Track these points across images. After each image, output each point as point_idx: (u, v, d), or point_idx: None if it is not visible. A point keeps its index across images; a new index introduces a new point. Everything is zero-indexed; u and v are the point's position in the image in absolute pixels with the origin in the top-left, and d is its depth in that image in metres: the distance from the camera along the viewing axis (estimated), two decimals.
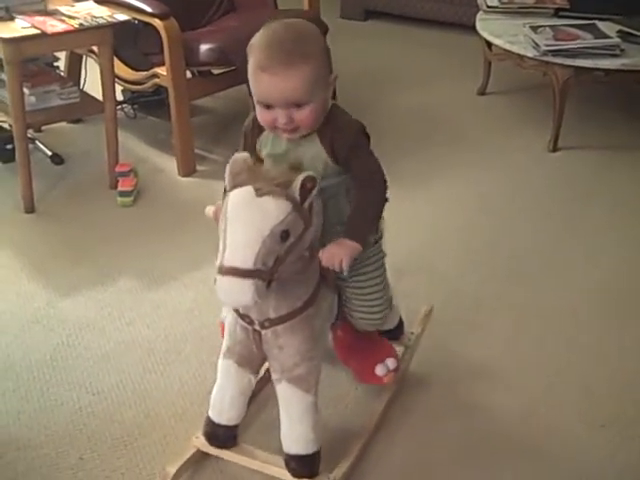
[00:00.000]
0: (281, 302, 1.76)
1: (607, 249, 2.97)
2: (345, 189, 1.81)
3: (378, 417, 2.14)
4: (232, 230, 1.59)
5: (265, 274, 1.58)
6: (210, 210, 1.78)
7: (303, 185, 1.62)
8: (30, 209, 3.13)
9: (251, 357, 1.89)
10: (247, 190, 1.61)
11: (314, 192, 1.64)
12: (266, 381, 2.10)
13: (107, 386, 2.29)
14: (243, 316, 1.83)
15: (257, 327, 1.81)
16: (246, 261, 1.56)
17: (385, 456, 2.08)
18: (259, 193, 1.60)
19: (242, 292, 1.57)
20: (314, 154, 1.74)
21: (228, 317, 1.91)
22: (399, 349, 2.27)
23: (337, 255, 1.71)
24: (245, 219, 1.59)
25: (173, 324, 2.54)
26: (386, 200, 1.83)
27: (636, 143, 3.75)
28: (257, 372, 1.95)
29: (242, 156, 1.69)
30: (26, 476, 2.01)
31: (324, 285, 1.85)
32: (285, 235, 1.60)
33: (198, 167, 3.47)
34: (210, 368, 2.21)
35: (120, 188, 3.21)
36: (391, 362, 2.06)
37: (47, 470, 2.02)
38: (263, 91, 1.67)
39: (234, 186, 1.64)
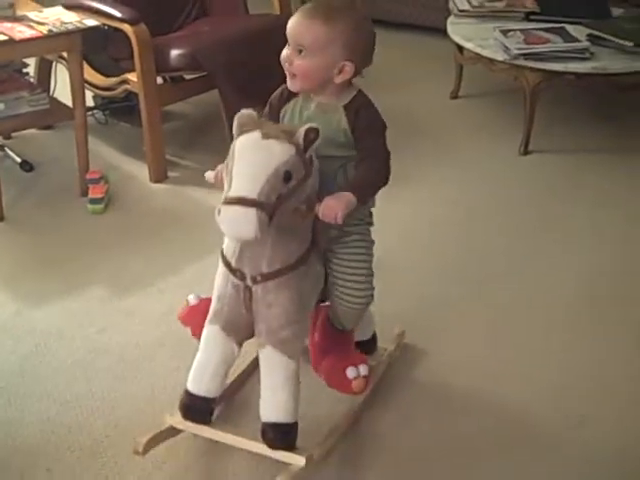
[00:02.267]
0: (275, 256, 1.83)
1: (579, 250, 2.98)
2: (355, 162, 1.91)
3: (358, 408, 2.16)
4: (239, 166, 1.71)
5: (268, 207, 1.68)
6: (210, 175, 1.89)
7: (307, 134, 1.74)
8: None
9: (238, 323, 1.92)
10: (254, 134, 1.74)
11: (316, 143, 1.75)
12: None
13: (76, 395, 2.26)
14: (235, 271, 1.87)
15: (249, 282, 1.85)
16: (252, 191, 1.67)
17: (362, 444, 2.09)
18: (265, 136, 1.73)
19: (246, 221, 1.65)
20: (337, 123, 1.87)
21: (217, 279, 1.94)
22: (371, 363, 2.27)
23: (334, 207, 1.77)
24: (252, 157, 1.72)
25: (144, 331, 2.53)
26: (386, 181, 1.91)
27: (606, 146, 3.78)
28: (240, 344, 1.97)
29: (248, 111, 1.81)
30: None
31: (314, 253, 1.92)
32: (288, 176, 1.71)
33: (170, 173, 3.45)
34: (182, 375, 2.19)
35: (91, 195, 3.18)
36: (363, 368, 2.04)
37: None
38: (289, 27, 1.86)
39: (241, 134, 1.76)
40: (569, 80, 3.59)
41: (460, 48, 3.95)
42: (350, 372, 2.02)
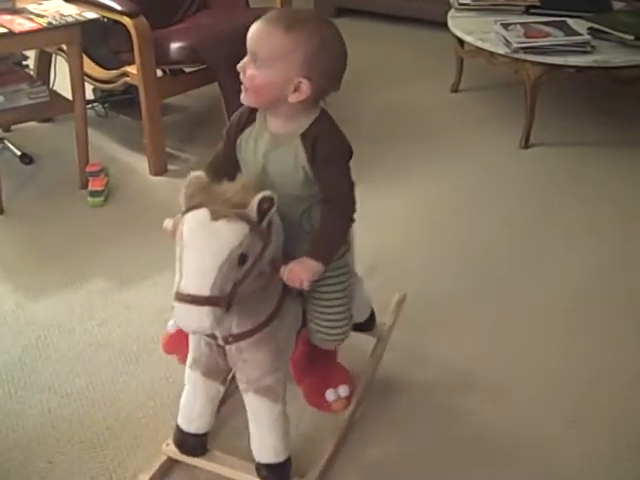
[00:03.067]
0: (244, 318, 1.73)
1: (581, 244, 2.98)
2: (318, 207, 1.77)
3: (348, 419, 2.13)
4: (188, 257, 1.56)
5: (223, 300, 1.55)
6: (168, 224, 1.75)
7: (260, 205, 1.57)
8: None
9: (217, 368, 1.88)
10: (202, 213, 1.56)
11: (272, 211, 1.60)
12: (235, 387, 2.06)
13: (77, 388, 2.26)
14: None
15: (221, 342, 1.79)
16: (203, 289, 1.53)
17: (356, 458, 2.07)
18: (214, 216, 1.55)
19: (200, 319, 1.54)
20: (294, 157, 1.71)
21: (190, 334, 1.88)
22: (371, 340, 2.28)
23: (299, 274, 1.68)
24: (200, 245, 1.55)
25: (144, 324, 2.52)
26: (352, 221, 1.79)
27: (607, 139, 3.77)
28: (225, 382, 1.94)
29: (197, 176, 1.63)
30: None
31: (288, 296, 1.81)
32: (243, 258, 1.56)
33: (169, 166, 3.45)
34: (181, 368, 2.19)
35: (91, 188, 3.18)
36: (343, 389, 1.96)
37: (15, 475, 2.00)
38: (249, 32, 1.69)
39: (189, 208, 1.59)
40: (570, 73, 3.58)
41: (461, 42, 3.95)
42: (329, 395, 1.96)
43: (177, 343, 2.02)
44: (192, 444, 1.96)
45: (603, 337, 2.52)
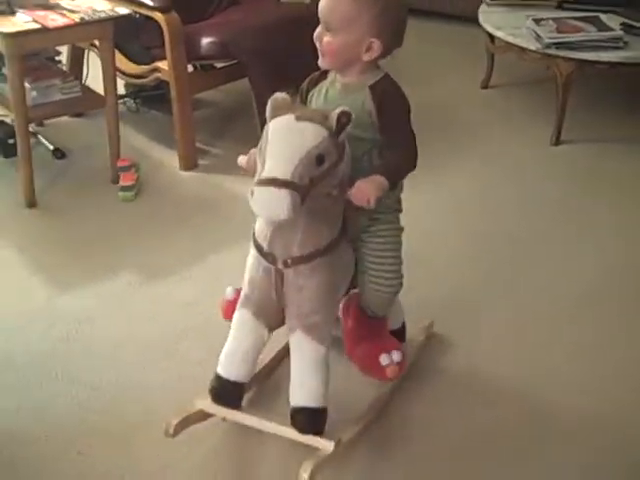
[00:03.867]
0: (306, 239, 1.83)
1: (611, 243, 2.95)
2: (380, 148, 1.91)
3: (386, 397, 2.16)
4: (272, 148, 1.72)
5: (301, 189, 1.68)
6: (243, 159, 1.91)
7: (339, 118, 1.73)
8: (31, 203, 3.14)
9: (269, 307, 1.93)
10: (288, 116, 1.75)
11: (348, 127, 1.75)
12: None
13: (106, 381, 2.29)
14: (266, 255, 1.87)
15: (280, 265, 1.85)
16: (285, 172, 1.68)
17: (391, 428, 2.11)
18: (299, 119, 1.73)
19: (279, 201, 1.66)
20: (362, 103, 1.86)
21: (249, 263, 1.95)
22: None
23: (366, 190, 1.77)
24: (285, 139, 1.72)
25: (173, 319, 2.54)
26: (415, 165, 1.91)
27: (639, 136, 3.73)
28: (271, 328, 1.98)
29: (282, 95, 1.80)
30: (25, 471, 2.02)
31: (345, 238, 1.92)
32: (320, 159, 1.71)
33: (200, 161, 3.46)
34: (210, 363, 2.20)
35: (121, 183, 3.20)
36: (396, 354, 2.03)
37: (46, 465, 2.03)
38: (319, 4, 1.87)
39: (274, 117, 1.76)
40: (602, 69, 3.55)
41: (491, 37, 3.93)
42: (383, 359, 2.01)
43: (235, 309, 2.05)
44: (229, 392, 2.00)
45: (632, 340, 2.50)
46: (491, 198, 3.25)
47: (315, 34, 1.88)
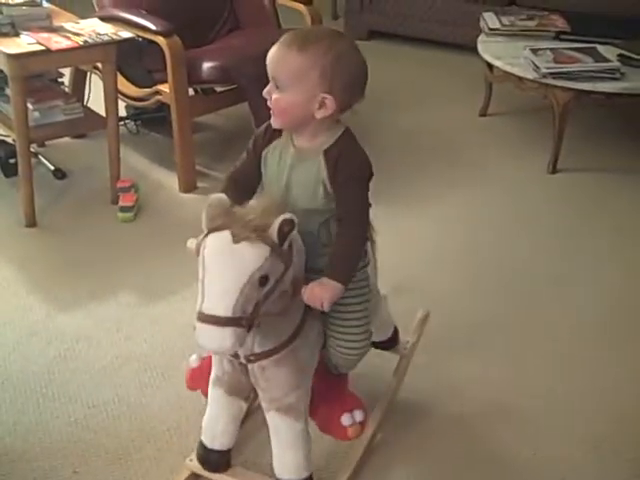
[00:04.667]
0: (266, 337, 1.74)
1: (606, 271, 2.98)
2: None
3: (370, 438, 2.13)
4: (210, 278, 1.57)
5: (245, 320, 1.56)
6: (192, 245, 1.73)
7: (281, 228, 1.58)
8: (31, 223, 3.16)
9: (240, 386, 1.89)
10: (224, 236, 1.57)
11: (293, 233, 1.61)
12: (258, 404, 2.07)
13: (103, 400, 2.30)
14: None
15: (243, 361, 1.80)
16: (226, 309, 1.54)
17: (379, 476, 2.08)
18: (236, 239, 1.56)
19: (222, 340, 1.55)
20: (316, 174, 1.72)
21: None
22: (394, 357, 2.29)
23: (319, 295, 1.70)
24: (222, 267, 1.56)
25: (171, 338, 2.56)
26: (367, 240, 1.83)
27: (636, 166, 3.77)
28: (247, 399, 1.95)
29: (218, 198, 1.63)
30: None
31: (311, 314, 1.80)
32: (264, 280, 1.57)
33: (199, 184, 3.49)
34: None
35: (121, 203, 3.23)
36: (358, 414, 1.96)
37: None
38: (267, 58, 1.72)
39: (211, 230, 1.61)
40: (599, 100, 3.58)
41: (490, 66, 3.97)
42: (345, 420, 1.94)
43: (200, 377, 2.04)
44: (215, 460, 1.97)
45: (627, 364, 2.52)
46: (487, 225, 3.27)
47: (265, 91, 1.73)
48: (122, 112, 3.65)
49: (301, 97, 1.68)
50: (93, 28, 3.14)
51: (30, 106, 3.13)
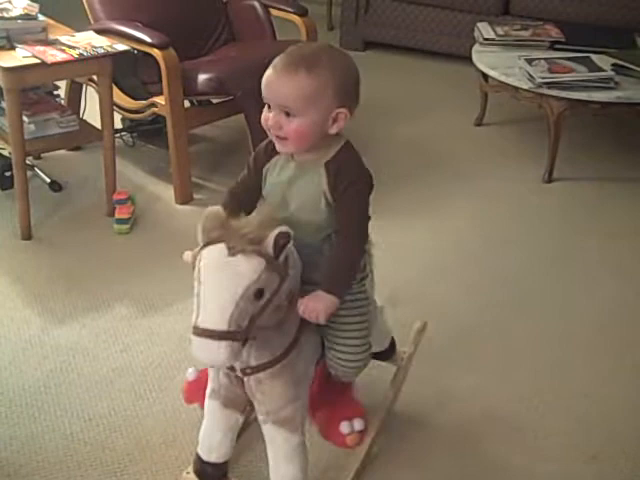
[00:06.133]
0: (262, 350, 1.73)
1: (602, 281, 2.98)
2: None
3: (367, 449, 2.12)
4: (205, 292, 1.57)
5: (240, 334, 1.56)
6: (188, 257, 1.73)
7: (276, 241, 1.58)
8: (27, 236, 3.15)
9: (236, 398, 1.89)
10: (219, 249, 1.57)
11: (288, 246, 1.61)
12: (254, 417, 2.06)
13: (99, 413, 2.29)
14: None
15: (239, 374, 1.80)
16: (221, 322, 1.54)
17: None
18: (231, 252, 1.56)
19: (217, 353, 1.55)
20: (317, 185, 1.72)
21: None
22: (392, 368, 2.29)
23: (314, 308, 1.70)
24: (217, 280, 1.57)
25: (167, 351, 2.55)
26: (364, 253, 1.82)
27: (631, 175, 3.78)
28: (244, 411, 1.95)
29: (215, 210, 1.65)
30: None
31: (307, 327, 1.80)
32: (259, 293, 1.57)
33: (195, 195, 3.49)
34: None
35: (117, 215, 3.23)
36: (358, 423, 1.94)
37: None
38: (264, 88, 1.69)
39: (207, 243, 1.61)
40: (594, 109, 3.60)
41: (485, 76, 3.98)
42: (344, 427, 1.93)
43: (198, 390, 2.03)
44: (212, 473, 1.97)
45: (623, 372, 2.52)
46: (482, 234, 3.28)
47: (269, 123, 1.69)
48: (118, 124, 3.65)
49: (318, 117, 1.67)
50: (89, 41, 3.15)
51: (26, 119, 3.13)
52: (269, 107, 1.70)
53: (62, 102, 3.58)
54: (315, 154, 1.73)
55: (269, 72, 1.68)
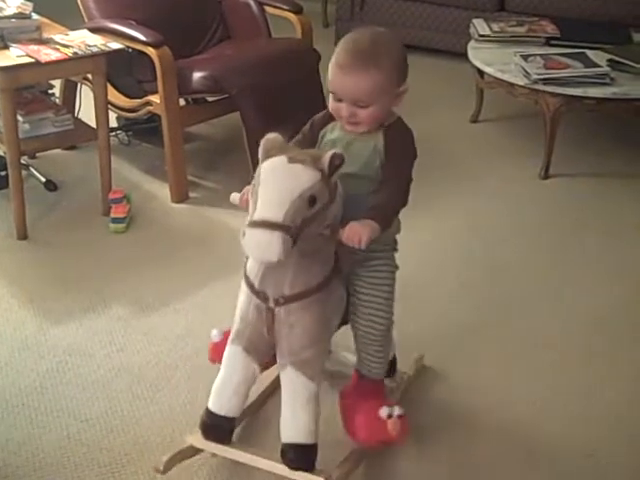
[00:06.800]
0: (297, 279, 1.84)
1: (599, 277, 2.98)
2: None
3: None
4: (264, 190, 1.72)
5: (292, 231, 1.68)
6: (236, 197, 1.91)
7: (332, 160, 1.73)
8: (23, 235, 3.14)
9: (260, 343, 1.93)
10: (280, 158, 1.75)
11: (341, 169, 1.76)
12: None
13: (96, 413, 2.29)
14: (258, 292, 1.88)
15: (271, 304, 1.86)
16: (277, 215, 1.67)
17: (383, 464, 2.08)
18: (291, 160, 1.73)
19: (270, 244, 1.66)
20: (375, 145, 1.88)
21: (240, 300, 1.96)
22: (390, 385, 2.27)
23: (358, 232, 1.78)
24: (277, 181, 1.72)
25: (164, 350, 2.55)
26: (405, 204, 1.93)
27: (627, 171, 3.78)
28: (262, 364, 1.98)
29: (274, 135, 1.81)
30: None
31: (337, 275, 1.92)
32: (312, 200, 1.72)
33: (191, 194, 3.48)
34: (200, 395, 2.23)
35: (113, 215, 3.22)
36: (398, 408, 1.98)
37: None
38: (335, 85, 1.87)
39: (267, 158, 1.77)
40: (589, 105, 3.59)
41: (481, 72, 3.98)
42: (384, 411, 1.96)
43: (222, 352, 2.05)
44: (219, 427, 2.00)
45: (621, 369, 2.52)
46: (479, 232, 3.27)
47: (343, 113, 1.87)
48: (113, 123, 3.64)
49: (388, 100, 1.88)
50: (83, 40, 3.14)
51: (20, 118, 3.12)
52: (337, 99, 1.88)
53: (57, 101, 3.58)
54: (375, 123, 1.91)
55: (336, 71, 1.86)
